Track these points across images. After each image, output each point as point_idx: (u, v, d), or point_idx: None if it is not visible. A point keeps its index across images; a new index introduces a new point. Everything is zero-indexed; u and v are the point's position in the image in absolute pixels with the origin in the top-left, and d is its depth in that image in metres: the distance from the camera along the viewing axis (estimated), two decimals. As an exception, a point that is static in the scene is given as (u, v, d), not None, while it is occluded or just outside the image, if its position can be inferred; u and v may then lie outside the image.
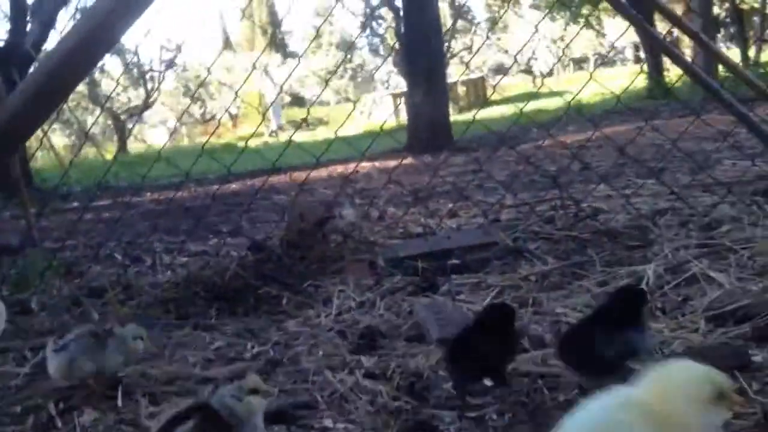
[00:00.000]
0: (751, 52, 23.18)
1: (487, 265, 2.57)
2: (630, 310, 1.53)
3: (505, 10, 25.83)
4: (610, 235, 2.72)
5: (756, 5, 21.93)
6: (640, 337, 1.49)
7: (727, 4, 24.56)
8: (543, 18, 13.50)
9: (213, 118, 29.75)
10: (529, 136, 10.83)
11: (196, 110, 30.13)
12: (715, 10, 25.94)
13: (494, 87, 28.50)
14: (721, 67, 8.78)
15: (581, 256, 2.52)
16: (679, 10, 30.68)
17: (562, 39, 27.04)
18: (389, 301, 2.23)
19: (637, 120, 11.23)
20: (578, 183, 4.80)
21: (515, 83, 34.70)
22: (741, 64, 21.44)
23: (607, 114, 13.56)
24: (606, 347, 1.51)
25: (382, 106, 26.82)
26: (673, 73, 18.18)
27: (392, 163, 8.81)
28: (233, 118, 29.94)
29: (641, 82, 18.19)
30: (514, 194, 4.71)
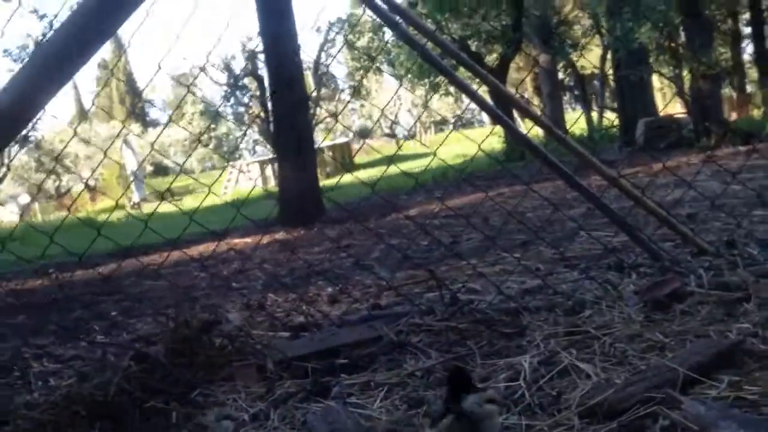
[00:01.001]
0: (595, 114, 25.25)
1: (374, 362, 2.65)
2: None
3: (362, 77, 26.71)
4: (486, 323, 2.89)
5: (596, 70, 23.93)
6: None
7: (569, 69, 26.67)
8: (400, 87, 14.08)
9: (69, 191, 28.47)
10: (398, 203, 11.21)
11: (50, 184, 28.71)
12: (560, 75, 28.17)
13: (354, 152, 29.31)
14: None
15: (462, 347, 2.66)
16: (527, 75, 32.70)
17: (423, 105, 28.31)
18: (282, 411, 2.26)
19: (499, 184, 11.96)
20: (449, 258, 5.01)
21: (380, 145, 35.76)
22: (586, 126, 23.30)
23: (471, 177, 14.32)
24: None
25: (248, 173, 26.76)
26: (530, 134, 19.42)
27: (265, 238, 8.82)
28: (92, 190, 28.79)
29: (499, 143, 19.39)
30: (391, 273, 4.86)
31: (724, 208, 5.36)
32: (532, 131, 6.08)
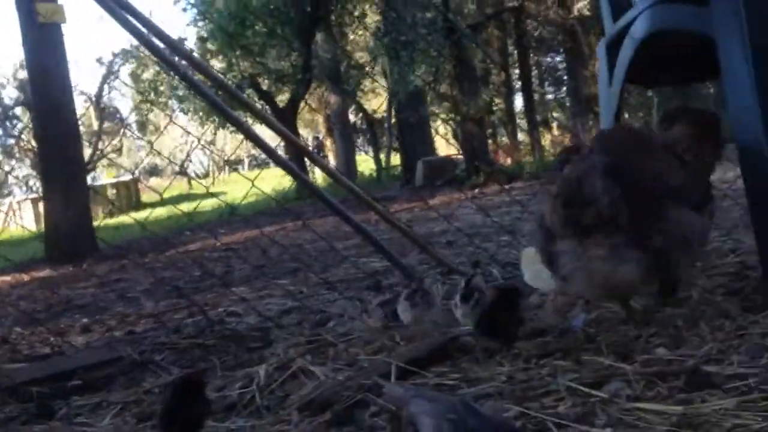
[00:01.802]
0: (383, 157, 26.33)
1: (112, 382, 2.56)
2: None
3: (148, 111, 25.87)
4: (234, 339, 2.90)
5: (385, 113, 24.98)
6: None
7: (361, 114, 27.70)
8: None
9: None
10: (180, 239, 10.91)
11: None
12: (352, 117, 29.17)
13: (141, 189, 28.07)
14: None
15: (205, 362, 2.65)
16: (320, 117, 33.41)
17: (212, 143, 27.90)
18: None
19: (285, 220, 12.10)
20: (219, 287, 4.98)
21: (172, 185, 34.60)
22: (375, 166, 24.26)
23: (257, 215, 14.34)
24: None
25: (20, 211, 24.57)
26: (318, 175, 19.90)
27: (28, 276, 8.16)
28: None
29: (291, 182, 19.57)
30: (155, 302, 4.72)
31: (480, 236, 5.88)
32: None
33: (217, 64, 20.80)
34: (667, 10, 2.52)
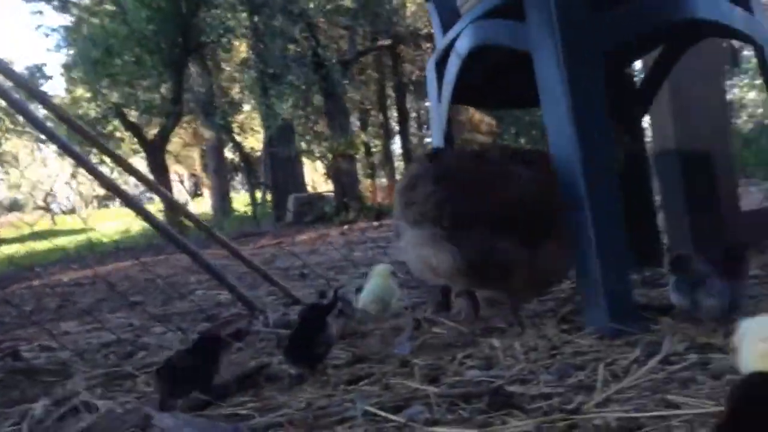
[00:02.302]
0: (259, 194, 25.91)
1: None
2: None
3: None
4: (27, 373, 2.57)
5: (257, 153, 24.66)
6: None
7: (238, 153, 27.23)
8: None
9: None
10: (25, 274, 10.17)
11: None
12: (229, 155, 28.66)
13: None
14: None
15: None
16: (196, 152, 32.59)
17: (74, 176, 26.56)
18: None
19: (147, 255, 11.57)
20: (49, 321, 4.56)
21: (33, 219, 32.56)
22: (251, 204, 23.82)
23: (120, 250, 13.64)
24: None
25: None
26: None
27: None
28: None
29: (160, 216, 18.78)
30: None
31: (336, 269, 5.77)
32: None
33: (84, 93, 19.89)
34: (488, 26, 2.48)
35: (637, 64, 3.90)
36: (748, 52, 29.14)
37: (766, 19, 2.79)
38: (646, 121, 3.69)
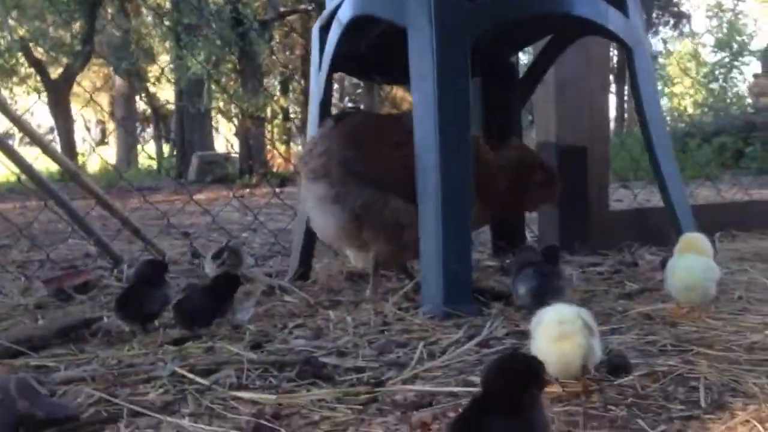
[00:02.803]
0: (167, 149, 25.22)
1: None
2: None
3: None
4: None
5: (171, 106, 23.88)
6: None
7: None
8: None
9: None
10: None
11: None
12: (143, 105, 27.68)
13: None
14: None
15: None
16: (105, 98, 31.25)
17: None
18: None
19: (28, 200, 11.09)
20: None
21: None
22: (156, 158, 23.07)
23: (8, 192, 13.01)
24: None
25: None
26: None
27: None
28: None
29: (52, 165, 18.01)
30: None
31: (222, 232, 5.65)
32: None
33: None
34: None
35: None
36: (661, 60, 30.38)
37: (641, 23, 2.88)
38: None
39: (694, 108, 25.40)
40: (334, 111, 2.85)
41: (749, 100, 16.89)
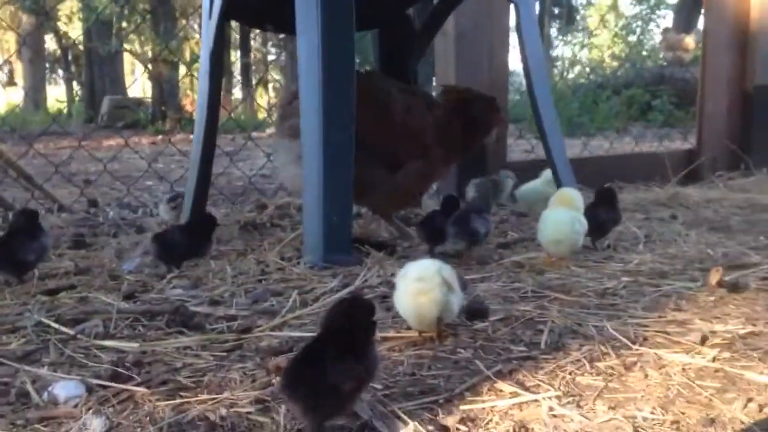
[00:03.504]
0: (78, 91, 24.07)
1: None
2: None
3: None
4: None
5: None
6: None
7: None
8: None
9: None
10: None
11: None
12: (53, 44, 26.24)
13: None
14: None
15: None
16: (12, 37, 29.49)
17: None
18: None
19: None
20: None
21: None
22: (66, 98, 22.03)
23: None
24: None
25: None
26: None
27: None
28: None
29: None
30: None
31: (129, 179, 5.51)
32: None
33: None
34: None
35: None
36: (583, 11, 30.84)
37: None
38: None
39: (611, 60, 25.97)
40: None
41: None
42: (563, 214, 2.29)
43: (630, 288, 1.99)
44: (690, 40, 12.77)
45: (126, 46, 13.46)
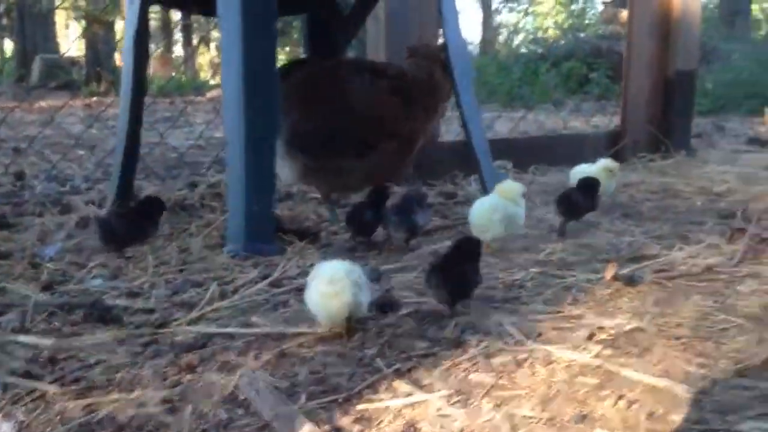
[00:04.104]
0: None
1: None
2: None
3: None
4: None
5: None
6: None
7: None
8: None
9: None
10: None
11: None
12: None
13: None
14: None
15: None
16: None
17: None
18: None
19: None
20: None
21: None
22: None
23: None
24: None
25: None
26: None
27: None
28: None
29: None
30: None
31: (63, 147, 5.38)
32: None
33: None
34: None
35: None
36: (527, -18, 30.96)
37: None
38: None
39: (555, 29, 26.24)
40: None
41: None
42: (485, 202, 2.41)
43: (537, 280, 2.11)
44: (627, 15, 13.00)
45: (57, 2, 12.96)
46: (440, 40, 3.16)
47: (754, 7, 20.76)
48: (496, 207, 2.38)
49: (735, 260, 2.24)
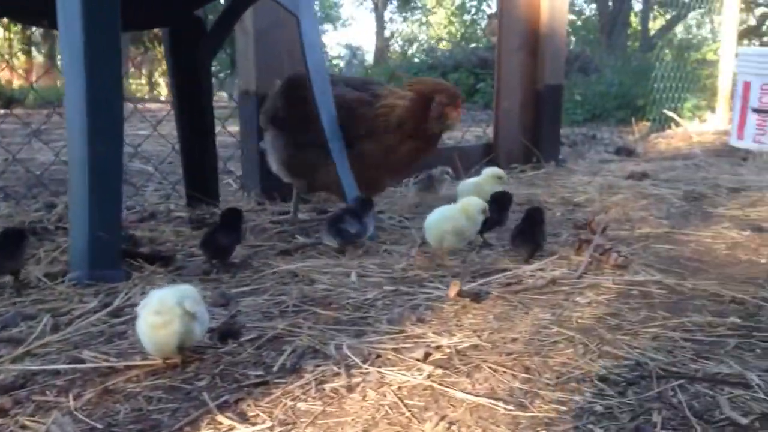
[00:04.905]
0: None
1: None
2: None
3: None
4: None
5: None
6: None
7: None
8: None
9: None
10: None
11: None
12: None
13: None
14: None
15: None
16: None
17: None
18: None
19: None
20: None
21: None
22: None
23: None
24: None
25: None
26: None
27: None
28: None
29: None
30: None
31: None
32: None
33: None
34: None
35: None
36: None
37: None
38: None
39: (448, 40, 26.81)
40: None
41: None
42: (436, 214, 2.55)
43: (388, 298, 2.12)
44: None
45: None
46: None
47: (634, 20, 21.89)
48: (449, 218, 2.51)
49: (579, 272, 2.34)
